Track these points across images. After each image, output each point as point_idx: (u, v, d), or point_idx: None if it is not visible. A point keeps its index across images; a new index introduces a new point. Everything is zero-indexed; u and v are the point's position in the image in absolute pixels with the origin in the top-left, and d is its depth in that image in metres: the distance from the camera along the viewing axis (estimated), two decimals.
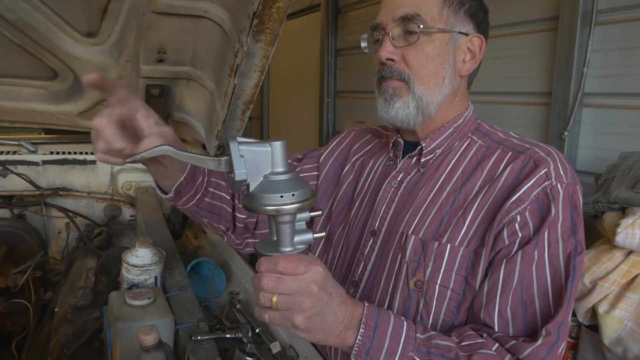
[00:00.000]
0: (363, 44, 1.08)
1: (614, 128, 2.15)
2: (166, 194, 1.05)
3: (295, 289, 0.74)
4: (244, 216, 1.18)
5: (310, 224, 1.19)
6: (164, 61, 1.70)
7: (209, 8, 1.42)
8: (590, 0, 2.13)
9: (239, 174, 0.73)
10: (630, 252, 1.52)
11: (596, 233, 1.69)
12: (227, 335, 1.27)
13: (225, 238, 1.23)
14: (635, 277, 1.51)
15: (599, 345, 1.60)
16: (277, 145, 0.74)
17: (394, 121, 1.01)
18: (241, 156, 0.73)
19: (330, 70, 4.23)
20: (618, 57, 2.11)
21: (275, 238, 0.77)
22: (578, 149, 2.28)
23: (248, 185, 0.74)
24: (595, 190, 1.76)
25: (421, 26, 0.95)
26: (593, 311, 1.60)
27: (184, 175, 1.01)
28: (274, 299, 0.74)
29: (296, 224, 0.77)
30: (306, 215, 0.77)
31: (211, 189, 1.11)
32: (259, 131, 5.87)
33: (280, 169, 0.74)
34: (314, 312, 0.75)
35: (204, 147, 2.12)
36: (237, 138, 0.74)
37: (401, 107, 0.99)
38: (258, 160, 0.74)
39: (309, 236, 0.78)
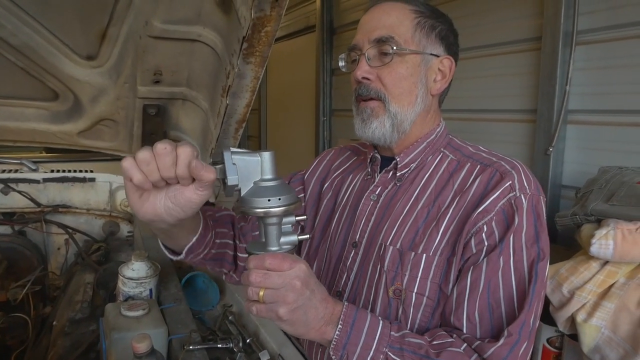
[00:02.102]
0: (341, 63, 1.14)
1: (596, 144, 2.20)
2: (176, 254, 1.07)
3: (280, 284, 0.80)
4: (246, 255, 1.21)
5: (297, 229, 1.24)
6: (160, 82, 1.72)
7: (202, 32, 1.46)
8: (571, 21, 2.21)
9: (231, 179, 0.79)
10: (606, 263, 1.55)
11: (579, 245, 1.72)
12: (218, 345, 1.31)
13: (225, 277, 1.25)
14: (611, 286, 1.54)
15: (581, 354, 1.62)
16: (266, 155, 0.81)
17: (371, 139, 1.07)
18: (233, 164, 0.80)
19: (326, 90, 4.28)
20: (599, 76, 2.17)
21: (264, 239, 0.84)
22: (563, 164, 2.33)
23: (240, 191, 0.81)
24: (574, 203, 1.79)
25: (395, 48, 1.00)
26: (573, 320, 1.62)
27: (196, 237, 1.02)
28: (261, 292, 0.80)
29: (283, 226, 0.84)
30: (292, 218, 0.84)
31: (217, 241, 1.13)
32: (258, 149, 5.91)
33: (269, 176, 0.81)
34: (296, 306, 0.81)
35: None
36: (230, 148, 0.81)
37: (377, 127, 1.04)
38: (249, 168, 0.81)
39: (294, 237, 0.85)
